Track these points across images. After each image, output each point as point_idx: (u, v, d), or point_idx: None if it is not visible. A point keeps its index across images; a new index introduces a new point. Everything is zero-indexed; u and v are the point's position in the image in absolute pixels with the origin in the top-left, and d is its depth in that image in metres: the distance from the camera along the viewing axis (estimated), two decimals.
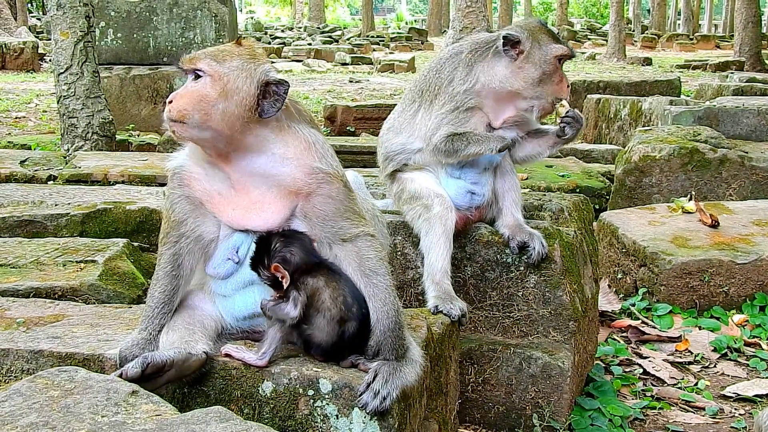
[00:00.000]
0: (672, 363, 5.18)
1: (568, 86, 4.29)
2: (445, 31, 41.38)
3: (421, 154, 4.38)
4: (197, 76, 2.93)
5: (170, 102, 2.91)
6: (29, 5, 39.91)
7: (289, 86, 2.97)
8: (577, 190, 7.34)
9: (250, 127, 2.95)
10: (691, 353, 5.29)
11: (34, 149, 9.32)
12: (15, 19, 28.55)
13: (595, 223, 5.93)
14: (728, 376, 5.04)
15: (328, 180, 2.99)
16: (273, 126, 2.99)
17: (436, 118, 4.30)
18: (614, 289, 6.15)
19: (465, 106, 4.26)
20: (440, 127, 4.26)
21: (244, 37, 3.12)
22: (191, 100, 2.90)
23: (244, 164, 2.98)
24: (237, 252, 3.06)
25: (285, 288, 2.91)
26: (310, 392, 2.81)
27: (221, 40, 12.35)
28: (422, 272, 4.24)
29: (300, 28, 49.05)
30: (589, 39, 45.98)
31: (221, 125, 2.90)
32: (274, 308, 2.90)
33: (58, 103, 9.22)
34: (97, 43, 9.82)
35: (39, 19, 37.35)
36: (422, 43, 41.00)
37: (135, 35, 12.38)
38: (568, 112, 4.25)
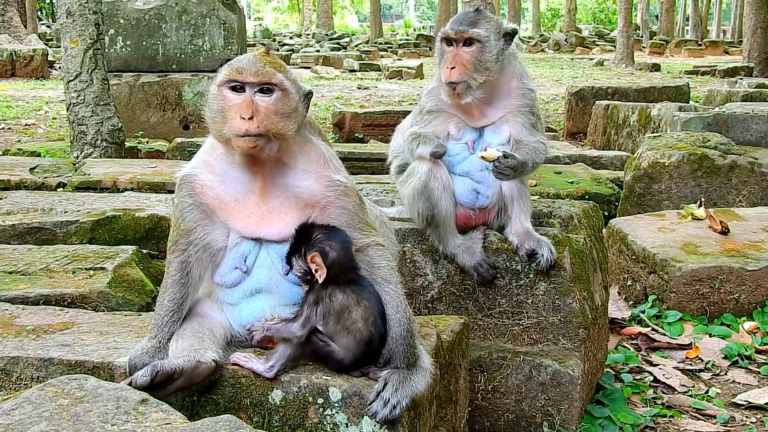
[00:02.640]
0: (682, 370, 5.15)
1: (449, 68, 4.17)
2: None
3: None
4: (267, 90, 2.93)
5: (251, 118, 2.88)
6: (39, 13, 40.10)
7: (312, 94, 3.11)
8: (586, 197, 7.32)
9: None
10: (702, 361, 5.27)
11: (44, 156, 9.35)
12: (25, 26, 28.65)
13: (604, 230, 5.91)
14: (739, 383, 5.01)
15: (346, 193, 3.05)
16: (296, 137, 3.03)
17: (410, 120, 4.53)
18: (624, 296, 6.13)
19: (426, 108, 4.39)
20: (410, 128, 4.43)
21: (269, 48, 3.15)
22: (274, 114, 2.92)
23: (273, 173, 3.03)
24: (245, 261, 3.07)
25: (315, 285, 2.90)
26: (320, 400, 2.80)
27: (230, 48, 12.39)
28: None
29: (308, 34, 49.14)
30: (597, 45, 45.91)
31: (288, 136, 2.97)
32: (278, 329, 2.90)
33: (67, 110, 9.24)
34: (106, 50, 9.85)
35: (49, 27, 37.52)
36: (430, 50, 40.81)
37: (144, 42, 12.42)
38: (494, 161, 4.10)
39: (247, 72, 2.92)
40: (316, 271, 2.91)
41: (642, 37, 46.60)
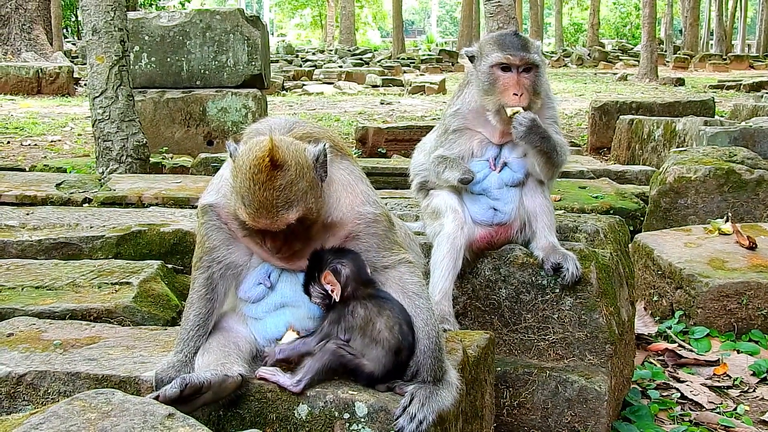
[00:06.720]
0: (710, 387, 5.09)
1: (515, 94, 4.16)
2: None
3: None
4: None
5: None
6: (65, 30, 40.54)
7: (325, 157, 2.99)
8: (611, 212, 7.27)
9: None
10: (730, 377, 5.20)
11: (70, 172, 9.41)
12: (51, 44, 28.96)
13: (630, 245, 5.86)
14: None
15: (376, 220, 3.05)
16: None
17: (433, 141, 4.52)
18: (650, 312, 6.07)
19: (451, 128, 4.38)
20: (435, 150, 4.43)
21: None
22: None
23: None
24: (269, 277, 3.08)
25: (334, 303, 2.91)
26: (346, 415, 2.79)
27: (253, 63, 12.47)
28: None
29: (331, 50, 49.39)
30: (620, 60, 45.79)
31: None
32: (294, 348, 2.92)
33: (93, 126, 9.32)
34: (131, 67, 9.93)
35: (74, 44, 37.92)
36: (453, 65, 41.02)
37: (168, 59, 12.52)
38: (515, 114, 4.12)
39: None
40: (332, 290, 2.92)
41: (666, 51, 46.35)
